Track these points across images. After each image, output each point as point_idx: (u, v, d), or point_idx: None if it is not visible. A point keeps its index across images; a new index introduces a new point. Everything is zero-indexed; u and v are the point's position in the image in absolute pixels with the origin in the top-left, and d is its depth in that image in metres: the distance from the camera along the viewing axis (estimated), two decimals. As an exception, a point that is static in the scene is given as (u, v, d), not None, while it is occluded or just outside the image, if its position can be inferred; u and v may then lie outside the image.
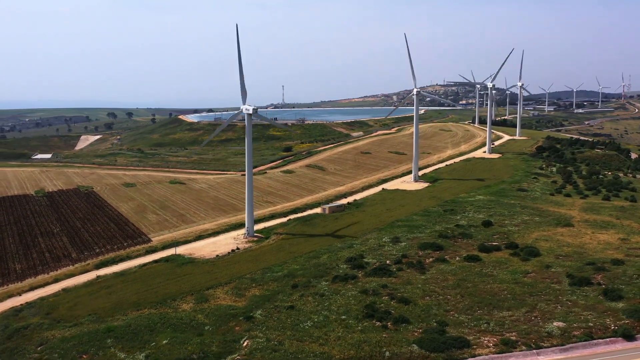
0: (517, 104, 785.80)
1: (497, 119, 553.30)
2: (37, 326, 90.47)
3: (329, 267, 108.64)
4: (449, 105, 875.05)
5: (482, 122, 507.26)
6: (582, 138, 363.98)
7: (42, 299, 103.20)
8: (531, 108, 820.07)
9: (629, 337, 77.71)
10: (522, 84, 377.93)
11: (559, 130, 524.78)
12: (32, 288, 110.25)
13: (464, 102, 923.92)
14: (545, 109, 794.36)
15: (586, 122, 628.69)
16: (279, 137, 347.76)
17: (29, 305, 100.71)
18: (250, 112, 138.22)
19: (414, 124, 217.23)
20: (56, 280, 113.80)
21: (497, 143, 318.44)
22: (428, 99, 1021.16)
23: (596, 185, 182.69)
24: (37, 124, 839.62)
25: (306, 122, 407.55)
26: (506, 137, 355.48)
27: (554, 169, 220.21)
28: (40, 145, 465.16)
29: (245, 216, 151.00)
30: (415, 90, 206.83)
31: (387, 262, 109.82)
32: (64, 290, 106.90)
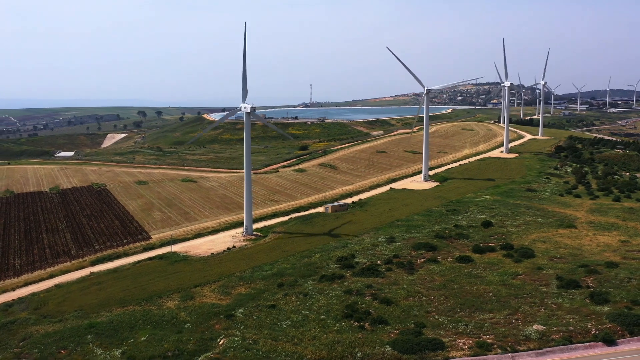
0: (549, 103, 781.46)
1: (524, 118, 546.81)
2: (24, 321, 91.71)
3: (319, 267, 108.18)
4: (480, 104, 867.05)
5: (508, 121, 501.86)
6: (605, 138, 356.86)
7: (33, 294, 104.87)
8: (563, 107, 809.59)
9: (610, 342, 75.64)
10: (545, 83, 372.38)
11: (589, 130, 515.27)
12: (26, 283, 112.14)
13: (495, 101, 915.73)
14: (577, 108, 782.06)
15: (619, 122, 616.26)
16: (297, 135, 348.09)
17: (20, 300, 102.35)
18: (249, 110, 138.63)
19: (424, 124, 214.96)
20: (51, 276, 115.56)
21: (517, 142, 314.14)
22: (459, 97, 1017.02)
23: (609, 186, 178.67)
24: (70, 122, 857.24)
25: (326, 121, 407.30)
26: (528, 137, 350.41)
27: (569, 169, 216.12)
28: (66, 143, 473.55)
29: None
30: (425, 89, 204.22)
31: (378, 262, 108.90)
32: (56, 286, 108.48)
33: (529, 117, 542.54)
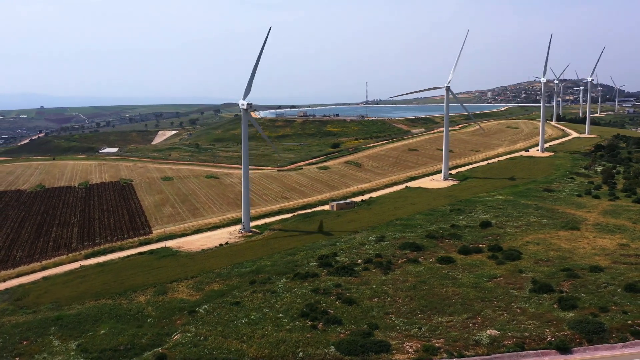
0: (613, 101, 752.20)
1: (582, 117, 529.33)
2: (1, 312, 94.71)
3: (298, 265, 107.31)
4: (545, 102, 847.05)
5: (561, 119, 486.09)
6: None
7: (20, 285, 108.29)
8: (629, 105, 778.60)
9: (564, 350, 72.19)
10: (592, 80, 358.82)
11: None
12: (18, 275, 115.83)
13: (559, 98, 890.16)
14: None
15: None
16: (335, 133, 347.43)
17: (5, 291, 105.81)
18: (245, 107, 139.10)
19: (445, 121, 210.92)
20: (44, 268, 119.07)
21: (558, 141, 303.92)
22: (523, 95, 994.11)
23: (634, 187, 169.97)
24: (131, 120, 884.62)
25: (366, 119, 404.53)
26: (573, 135, 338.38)
27: (599, 169, 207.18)
28: (118, 139, 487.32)
29: (256, 211, 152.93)
30: (445, 86, 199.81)
31: (359, 261, 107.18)
32: (44, 278, 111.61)
33: (584, 115, 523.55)
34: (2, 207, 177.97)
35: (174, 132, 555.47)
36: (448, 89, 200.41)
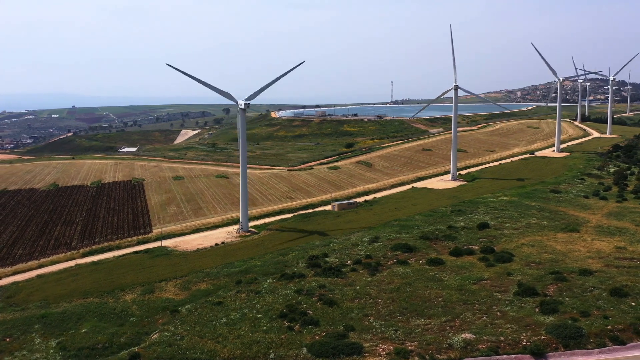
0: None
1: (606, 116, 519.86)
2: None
3: (288, 265, 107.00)
4: (574, 101, 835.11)
5: (586, 119, 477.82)
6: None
7: (14, 283, 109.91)
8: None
9: (538, 355, 70.83)
10: (614, 79, 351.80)
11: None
12: (15, 273, 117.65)
13: (591, 97, 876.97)
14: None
15: None
16: (352, 132, 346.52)
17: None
18: (243, 107, 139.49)
19: (453, 122, 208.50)
20: (40, 266, 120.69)
21: (577, 141, 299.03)
22: (553, 94, 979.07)
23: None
24: (157, 119, 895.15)
25: (384, 118, 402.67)
26: (594, 135, 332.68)
27: (612, 170, 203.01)
28: (140, 139, 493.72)
29: (258, 210, 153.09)
30: (453, 85, 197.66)
31: (348, 262, 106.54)
32: (38, 276, 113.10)
33: (618, 115, 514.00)
34: (13, 205, 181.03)
35: (196, 131, 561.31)
36: (456, 88, 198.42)
